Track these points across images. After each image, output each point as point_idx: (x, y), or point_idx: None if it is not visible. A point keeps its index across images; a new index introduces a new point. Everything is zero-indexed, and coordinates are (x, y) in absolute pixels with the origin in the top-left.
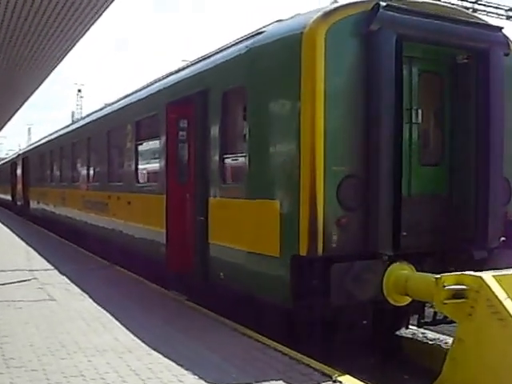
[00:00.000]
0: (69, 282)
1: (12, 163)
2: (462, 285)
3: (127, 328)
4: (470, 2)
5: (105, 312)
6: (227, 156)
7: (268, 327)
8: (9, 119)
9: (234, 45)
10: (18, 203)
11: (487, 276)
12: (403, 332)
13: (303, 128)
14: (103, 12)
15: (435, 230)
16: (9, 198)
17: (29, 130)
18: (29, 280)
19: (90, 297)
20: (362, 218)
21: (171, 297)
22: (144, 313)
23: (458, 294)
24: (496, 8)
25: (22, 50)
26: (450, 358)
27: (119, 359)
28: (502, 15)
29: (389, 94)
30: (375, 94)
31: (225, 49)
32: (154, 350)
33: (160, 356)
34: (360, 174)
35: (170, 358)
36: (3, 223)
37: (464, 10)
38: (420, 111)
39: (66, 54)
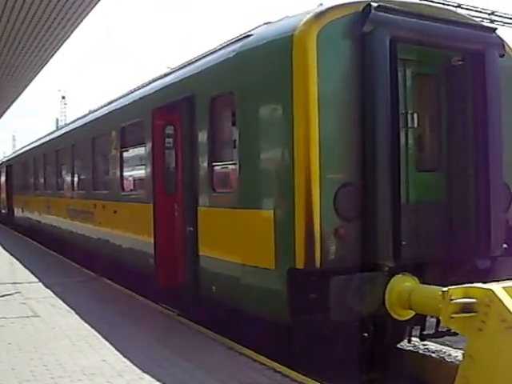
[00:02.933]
0: (54, 295)
1: None
2: (471, 298)
3: (116, 347)
4: (453, 6)
5: (91, 329)
6: (216, 164)
7: (264, 343)
8: None
9: (221, 49)
10: (2, 211)
11: (498, 288)
12: (404, 344)
13: (297, 134)
14: (85, 16)
15: (435, 239)
16: None
17: (13, 137)
18: (11, 294)
19: (76, 313)
20: (360, 228)
21: (161, 311)
22: (133, 330)
23: (466, 308)
24: (479, 12)
25: (3, 57)
26: (460, 376)
27: None
28: (485, 19)
29: (384, 98)
30: (370, 98)
31: (212, 53)
32: (146, 373)
33: (153, 380)
34: (357, 181)
35: (163, 383)
36: None
37: (457, 12)
38: (415, 115)
39: (48, 60)
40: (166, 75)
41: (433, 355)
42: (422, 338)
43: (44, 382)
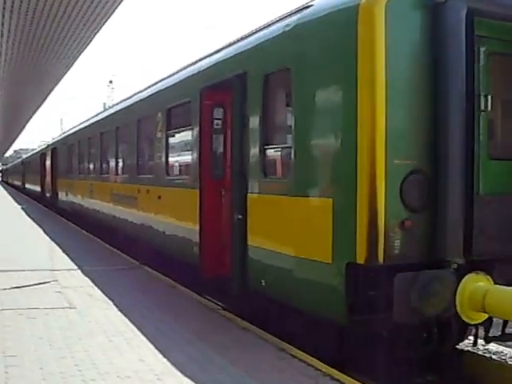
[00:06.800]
0: (92, 284)
1: (41, 154)
2: None
3: (155, 345)
4: None
5: (130, 324)
6: (269, 147)
7: (315, 341)
8: (37, 109)
9: (277, 21)
10: (47, 195)
11: None
12: (463, 344)
13: (361, 115)
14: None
15: (509, 234)
16: (38, 189)
17: (61, 120)
18: (48, 282)
19: (115, 304)
20: (428, 221)
21: (205, 305)
22: (175, 325)
23: None
24: None
25: (45, 33)
26: None
27: None
28: None
29: (458, 77)
30: (442, 77)
31: (266, 26)
32: (188, 377)
33: None
34: (426, 168)
35: None
36: (30, 216)
37: None
38: (489, 97)
39: (91, 39)
40: (215, 52)
41: (493, 357)
42: (488, 340)
43: None
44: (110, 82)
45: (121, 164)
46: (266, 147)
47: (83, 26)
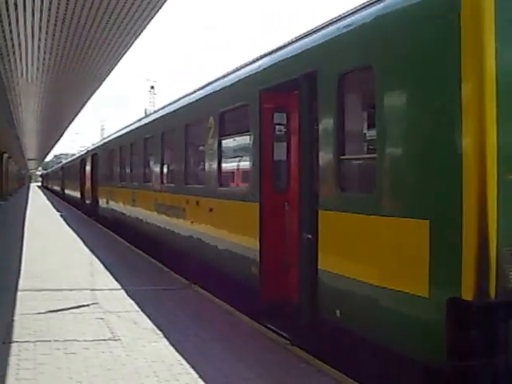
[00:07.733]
0: (138, 309)
1: (81, 160)
2: None
3: None
4: None
5: (185, 363)
6: (347, 157)
7: None
8: (77, 114)
9: (354, 12)
10: (87, 202)
11: None
12: None
13: (466, 121)
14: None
15: None
16: (78, 195)
17: (101, 127)
18: (88, 305)
19: (165, 336)
20: None
21: (270, 338)
22: (239, 366)
23: None
24: None
25: (86, 43)
26: None
27: None
28: None
29: None
30: None
31: (341, 18)
32: None
33: None
34: None
35: None
36: (69, 225)
37: None
38: None
39: (132, 43)
40: (276, 50)
41: None
42: None
43: None
44: (152, 87)
45: (166, 172)
46: (342, 157)
47: (121, 32)
